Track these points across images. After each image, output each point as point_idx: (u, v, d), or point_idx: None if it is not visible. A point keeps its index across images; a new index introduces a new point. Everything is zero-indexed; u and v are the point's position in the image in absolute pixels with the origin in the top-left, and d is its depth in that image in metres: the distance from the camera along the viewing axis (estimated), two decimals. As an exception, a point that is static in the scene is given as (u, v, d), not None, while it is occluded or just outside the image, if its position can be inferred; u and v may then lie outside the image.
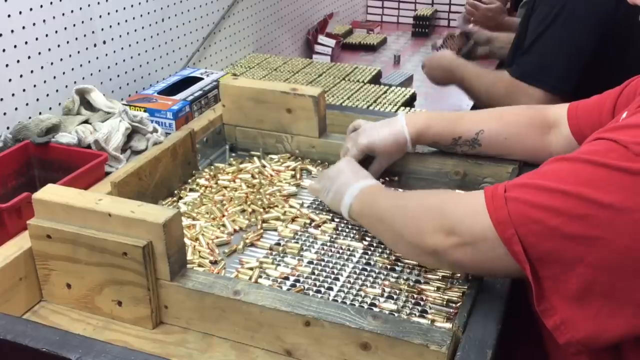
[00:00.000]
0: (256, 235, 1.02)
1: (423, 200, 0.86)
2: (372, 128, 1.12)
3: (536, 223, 0.68)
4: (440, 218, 0.79)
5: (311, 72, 1.90)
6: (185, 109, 1.33)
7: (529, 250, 0.69)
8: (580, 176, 0.68)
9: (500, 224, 0.71)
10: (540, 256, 0.69)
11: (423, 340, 0.72)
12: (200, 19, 1.75)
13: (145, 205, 0.82)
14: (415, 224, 0.83)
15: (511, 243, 0.70)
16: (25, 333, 0.76)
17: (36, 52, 1.27)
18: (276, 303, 0.78)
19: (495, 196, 0.73)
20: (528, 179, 0.73)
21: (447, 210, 0.79)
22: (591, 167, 0.67)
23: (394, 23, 2.84)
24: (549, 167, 0.73)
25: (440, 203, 0.82)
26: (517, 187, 0.72)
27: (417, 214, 0.83)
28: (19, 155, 1.12)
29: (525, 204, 0.70)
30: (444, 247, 0.78)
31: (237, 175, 1.19)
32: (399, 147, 1.11)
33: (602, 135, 0.70)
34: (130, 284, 0.82)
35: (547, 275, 0.69)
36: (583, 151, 0.71)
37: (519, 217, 0.70)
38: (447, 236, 0.77)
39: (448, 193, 0.87)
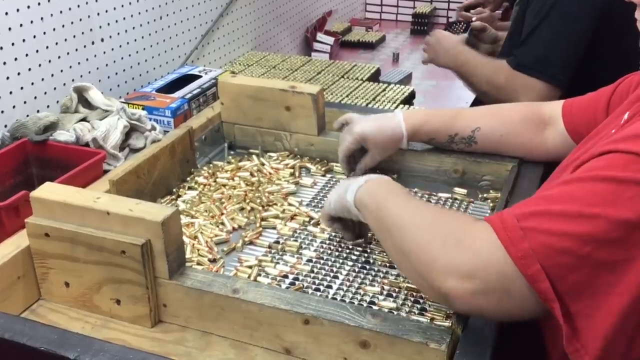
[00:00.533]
0: (255, 233, 1.02)
1: (436, 226, 0.74)
2: (367, 119, 1.11)
3: (564, 253, 0.62)
4: (456, 257, 0.68)
5: (310, 69, 1.89)
6: (183, 107, 1.33)
7: (557, 284, 0.63)
8: (603, 195, 0.62)
9: (522, 259, 0.64)
10: (570, 289, 0.63)
11: (422, 338, 0.72)
12: (199, 16, 1.75)
13: (143, 204, 0.82)
14: (426, 258, 0.71)
15: (537, 279, 0.63)
16: (23, 332, 0.75)
17: (34, 50, 1.26)
18: (275, 301, 0.78)
19: (508, 229, 0.65)
20: (538, 205, 0.66)
21: (463, 247, 0.69)
22: (613, 184, 0.62)
23: (392, 21, 2.84)
24: (560, 190, 0.66)
25: (455, 236, 0.70)
26: (532, 217, 0.65)
27: (429, 244, 0.71)
28: (16, 154, 1.12)
29: (547, 234, 0.63)
30: (461, 293, 0.68)
31: (236, 173, 1.18)
32: (394, 141, 1.10)
33: (614, 148, 0.64)
34: (129, 283, 0.82)
35: (579, 311, 0.63)
36: (595, 167, 0.65)
37: (543, 250, 0.63)
38: (463, 281, 0.67)
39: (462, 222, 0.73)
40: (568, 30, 1.33)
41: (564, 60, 1.33)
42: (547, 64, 1.33)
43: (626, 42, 1.37)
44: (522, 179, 1.07)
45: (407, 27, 2.65)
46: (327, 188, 1.15)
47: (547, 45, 1.35)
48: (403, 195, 0.83)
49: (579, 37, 1.33)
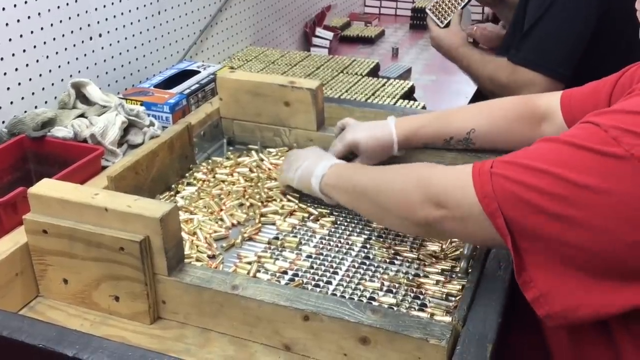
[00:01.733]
0: (254, 229, 1.01)
1: (409, 173, 0.86)
2: (360, 126, 1.13)
3: (518, 199, 0.70)
4: (428, 190, 0.80)
5: (309, 65, 1.88)
6: (182, 103, 1.32)
7: (510, 224, 0.71)
8: (562, 157, 0.70)
9: (484, 197, 0.73)
10: (521, 230, 0.71)
11: (422, 334, 0.71)
12: (197, 11, 1.74)
13: (142, 200, 0.82)
14: (404, 197, 0.83)
15: (495, 217, 0.72)
16: (21, 329, 0.75)
17: (31, 45, 1.26)
18: (274, 298, 0.78)
19: (481, 171, 0.75)
20: (515, 156, 0.75)
21: (435, 182, 0.80)
22: (573, 149, 0.69)
23: (391, 15, 2.82)
24: (537, 146, 0.75)
25: (427, 175, 0.83)
26: (503, 164, 0.74)
27: (405, 186, 0.84)
28: (14, 150, 1.11)
29: (508, 181, 0.72)
30: (434, 218, 0.79)
31: (234, 169, 1.18)
32: (384, 149, 1.11)
33: (588, 119, 0.72)
34: (128, 279, 0.81)
35: (527, 248, 0.71)
36: (568, 134, 0.73)
37: (502, 193, 0.72)
38: (436, 208, 0.79)
39: (433, 166, 0.87)
40: (569, 24, 1.32)
41: (566, 53, 1.33)
42: (549, 58, 1.33)
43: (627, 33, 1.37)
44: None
45: (407, 21, 2.64)
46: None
47: (549, 40, 1.34)
48: (370, 167, 0.96)
49: (581, 30, 1.32)
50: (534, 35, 1.35)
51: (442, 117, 1.12)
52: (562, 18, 1.33)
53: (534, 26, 1.35)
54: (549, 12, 1.33)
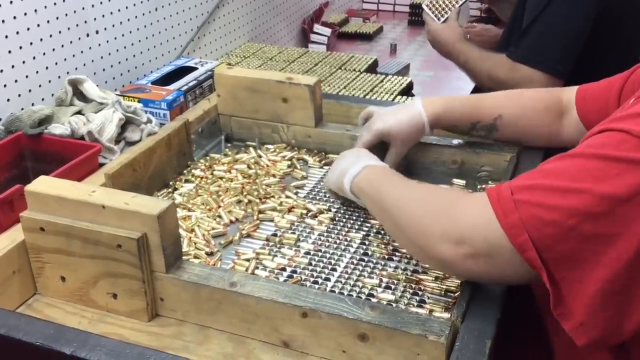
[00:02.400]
0: (252, 226, 1.01)
1: (430, 200, 0.80)
2: (386, 113, 1.08)
3: (551, 225, 0.65)
4: (448, 224, 0.74)
5: (307, 61, 1.88)
6: (179, 99, 1.32)
7: (543, 254, 0.66)
8: (592, 171, 0.64)
9: (511, 229, 0.67)
10: (556, 259, 0.66)
11: (421, 331, 0.71)
12: (195, 8, 1.73)
13: (139, 197, 0.81)
14: (421, 228, 0.77)
15: (525, 249, 0.66)
16: (18, 327, 0.75)
17: (28, 42, 1.25)
18: (273, 294, 0.77)
19: (502, 200, 0.69)
20: (533, 179, 0.69)
21: (455, 215, 0.74)
22: (603, 161, 0.64)
23: (390, 11, 2.82)
24: (554, 165, 0.69)
25: (447, 205, 0.77)
26: (525, 189, 0.68)
27: (424, 215, 0.78)
28: (11, 147, 1.11)
29: (536, 206, 0.66)
30: (453, 258, 0.73)
31: (232, 165, 1.18)
32: (417, 132, 1.07)
33: (610, 126, 0.67)
34: (125, 277, 0.81)
35: (564, 278, 0.66)
36: (590, 145, 0.67)
37: (532, 221, 0.66)
38: (456, 245, 0.72)
39: (454, 193, 0.82)
40: (568, 20, 1.32)
41: (565, 50, 1.32)
42: (547, 55, 1.32)
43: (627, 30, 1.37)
44: (521, 169, 1.06)
45: (405, 17, 2.63)
46: (325, 180, 1.14)
47: (547, 36, 1.34)
48: (398, 178, 0.90)
49: (579, 27, 1.32)
50: (533, 32, 1.35)
51: (471, 100, 1.09)
52: (561, 15, 1.33)
53: (532, 23, 1.35)
54: (547, 8, 1.33)
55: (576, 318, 0.66)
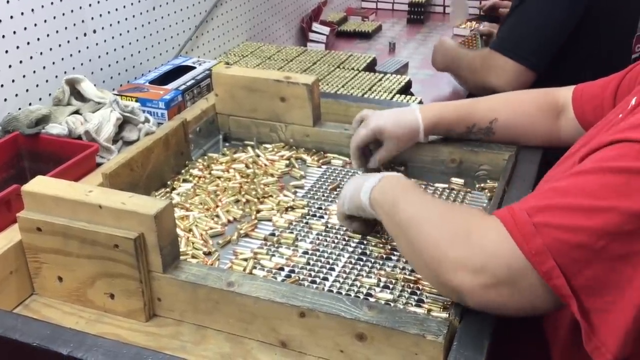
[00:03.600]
0: (250, 225, 1.01)
1: (446, 222, 0.74)
2: (383, 112, 1.09)
3: (578, 249, 0.60)
4: (464, 250, 0.68)
5: (305, 60, 1.88)
6: (177, 99, 1.31)
7: (572, 280, 0.61)
8: (615, 187, 0.60)
9: (535, 255, 0.62)
10: (586, 285, 0.61)
11: (419, 330, 0.71)
12: (192, 7, 1.73)
13: (136, 197, 0.81)
14: (437, 253, 0.71)
15: (552, 276, 0.62)
16: (15, 327, 0.75)
17: (25, 42, 1.25)
18: (270, 294, 0.77)
19: (519, 224, 0.64)
20: (550, 199, 0.64)
21: (472, 240, 0.68)
22: (625, 175, 0.60)
23: (388, 10, 2.81)
24: (570, 182, 0.64)
25: (465, 231, 0.70)
26: (543, 211, 0.63)
27: (438, 236, 0.71)
28: (8, 147, 1.11)
29: (561, 229, 0.61)
30: (471, 287, 0.67)
31: (230, 165, 1.17)
32: (411, 135, 1.07)
33: (623, 137, 0.63)
34: (123, 277, 0.81)
35: (595, 307, 0.62)
36: (605, 158, 0.63)
37: (557, 245, 0.61)
38: (474, 275, 0.66)
39: (469, 214, 0.74)
40: (544, 15, 1.32)
41: (538, 43, 1.32)
42: (521, 45, 1.33)
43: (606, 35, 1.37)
44: (519, 169, 1.06)
45: (404, 16, 2.63)
46: (323, 179, 1.14)
47: (522, 28, 1.34)
48: (415, 193, 0.83)
49: (557, 22, 1.32)
50: (509, 22, 1.37)
51: (466, 105, 1.10)
52: (537, 9, 1.33)
53: (511, 14, 1.37)
54: (526, 1, 1.34)
55: (612, 350, 0.62)
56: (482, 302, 0.69)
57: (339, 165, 1.19)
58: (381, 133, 1.07)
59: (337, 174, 1.16)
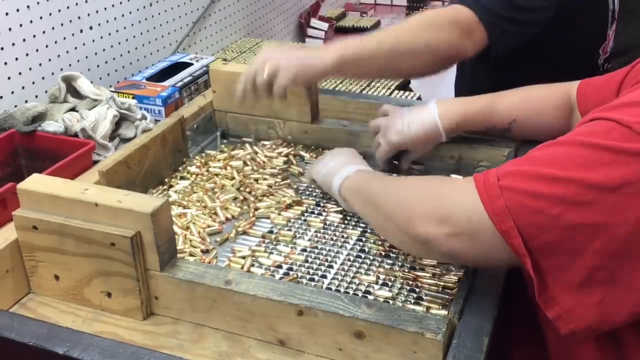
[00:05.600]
0: (248, 223, 1.00)
1: (415, 184, 0.82)
2: (402, 119, 1.07)
3: (536, 213, 0.64)
4: (432, 204, 0.74)
5: (303, 56, 1.87)
6: (174, 95, 1.31)
7: (529, 242, 0.65)
8: (579, 160, 0.64)
9: (497, 215, 0.66)
10: (541, 247, 0.65)
11: (418, 328, 0.71)
12: (190, 3, 1.72)
13: (132, 195, 0.80)
14: (405, 209, 0.77)
15: (510, 236, 0.66)
16: (11, 327, 0.74)
17: (21, 39, 1.24)
18: (268, 292, 0.77)
19: (488, 185, 0.68)
20: (520, 165, 0.69)
21: (440, 196, 0.75)
22: (591, 150, 0.63)
23: (387, 5, 2.81)
24: (541, 152, 0.69)
25: (433, 188, 0.78)
26: (511, 176, 0.68)
27: (408, 198, 0.78)
28: (4, 145, 1.10)
29: (523, 194, 0.66)
30: (435, 236, 0.72)
31: (228, 162, 1.17)
32: (433, 140, 1.08)
33: (599, 115, 0.66)
34: (119, 275, 0.80)
35: (548, 266, 0.66)
36: (579, 133, 0.67)
37: (518, 208, 0.65)
38: (439, 224, 0.72)
39: (442, 179, 0.82)
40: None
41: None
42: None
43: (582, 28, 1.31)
44: (519, 165, 1.06)
45: (402, 11, 2.63)
46: (321, 176, 1.13)
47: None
48: (387, 176, 0.92)
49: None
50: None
51: (486, 104, 1.07)
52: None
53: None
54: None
55: (560, 305, 0.66)
56: (444, 251, 0.73)
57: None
58: (404, 147, 1.08)
59: (336, 171, 1.15)
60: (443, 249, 0.73)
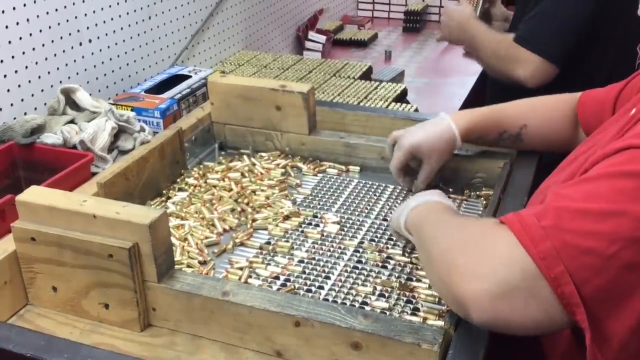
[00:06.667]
0: (246, 234, 1.00)
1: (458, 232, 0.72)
2: (415, 129, 1.06)
3: (589, 254, 0.58)
4: (474, 258, 0.64)
5: (301, 68, 1.88)
6: (173, 108, 1.32)
7: (581, 288, 0.58)
8: (626, 192, 0.58)
9: (544, 259, 0.59)
10: (593, 294, 0.58)
11: (414, 339, 0.71)
12: (188, 16, 1.73)
13: (130, 206, 0.81)
14: (446, 261, 0.67)
15: (561, 283, 0.58)
16: (9, 338, 0.74)
17: (20, 51, 1.25)
18: (265, 303, 0.77)
19: (527, 227, 0.61)
20: (558, 203, 0.62)
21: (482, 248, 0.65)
22: (635, 180, 0.58)
23: (384, 18, 2.82)
24: (574, 188, 0.62)
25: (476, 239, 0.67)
26: (552, 214, 0.61)
27: (451, 248, 0.69)
28: (3, 157, 1.11)
29: (570, 233, 0.58)
30: (478, 298, 0.62)
31: (226, 173, 1.17)
32: (448, 145, 1.04)
33: (630, 143, 0.61)
34: (117, 287, 0.81)
35: (603, 315, 0.59)
36: (613, 164, 0.61)
37: (567, 249, 0.58)
38: (481, 283, 0.62)
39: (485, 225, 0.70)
40: (566, 12, 1.39)
41: (562, 39, 1.38)
42: (545, 41, 1.39)
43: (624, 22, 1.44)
44: (515, 176, 1.06)
45: (399, 24, 2.64)
46: (319, 188, 1.14)
47: (547, 23, 1.40)
48: (442, 212, 0.81)
49: (577, 19, 1.38)
50: (536, 16, 1.41)
51: (495, 111, 1.08)
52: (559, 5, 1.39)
53: (534, 9, 1.42)
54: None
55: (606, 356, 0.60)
56: (492, 315, 0.63)
57: (335, 173, 1.19)
58: (418, 150, 1.04)
59: (333, 183, 1.16)
60: (486, 313, 0.63)
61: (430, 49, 2.38)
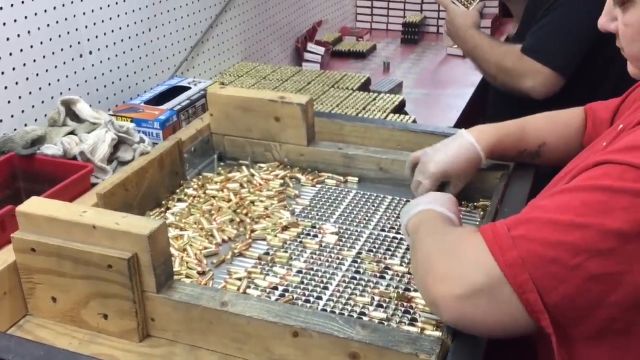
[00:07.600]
0: (245, 245, 1.01)
1: (440, 239, 0.76)
2: (438, 152, 1.04)
3: (553, 263, 0.60)
4: (447, 263, 0.69)
5: (300, 80, 1.89)
6: (172, 119, 1.32)
7: (545, 296, 0.61)
8: (595, 206, 0.60)
9: (510, 267, 0.62)
10: (557, 302, 0.61)
11: (412, 349, 0.71)
12: (188, 28, 1.75)
13: (130, 217, 0.81)
14: (426, 266, 0.72)
15: (525, 290, 0.61)
16: (8, 348, 0.74)
17: (21, 63, 1.26)
18: (264, 314, 0.77)
19: (498, 236, 0.64)
20: (530, 214, 0.65)
21: (455, 254, 0.69)
22: (606, 194, 0.60)
23: (383, 30, 2.84)
24: (550, 200, 0.65)
25: (452, 245, 0.72)
26: (523, 224, 0.64)
27: (431, 253, 0.73)
28: (4, 168, 1.11)
29: (537, 242, 0.61)
30: (446, 299, 0.67)
31: (225, 184, 1.18)
32: (473, 166, 1.04)
33: (606, 158, 0.63)
34: (116, 297, 0.81)
35: (565, 324, 0.62)
36: (588, 177, 0.63)
37: (533, 258, 0.61)
38: (450, 285, 0.67)
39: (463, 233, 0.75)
40: (574, 23, 1.39)
41: (571, 51, 1.40)
42: (553, 52, 1.40)
43: None
44: (512, 187, 1.07)
45: (398, 36, 2.65)
46: (317, 198, 1.15)
47: (555, 35, 1.41)
48: (437, 219, 0.85)
49: (585, 30, 1.37)
50: (543, 27, 1.42)
51: (516, 128, 1.06)
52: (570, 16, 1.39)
53: (542, 21, 1.42)
54: (559, 8, 1.40)
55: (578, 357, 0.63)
56: (458, 316, 0.68)
57: (333, 184, 1.19)
58: (445, 177, 1.03)
59: (331, 193, 1.16)
60: (453, 313, 0.68)
61: (428, 60, 2.40)
